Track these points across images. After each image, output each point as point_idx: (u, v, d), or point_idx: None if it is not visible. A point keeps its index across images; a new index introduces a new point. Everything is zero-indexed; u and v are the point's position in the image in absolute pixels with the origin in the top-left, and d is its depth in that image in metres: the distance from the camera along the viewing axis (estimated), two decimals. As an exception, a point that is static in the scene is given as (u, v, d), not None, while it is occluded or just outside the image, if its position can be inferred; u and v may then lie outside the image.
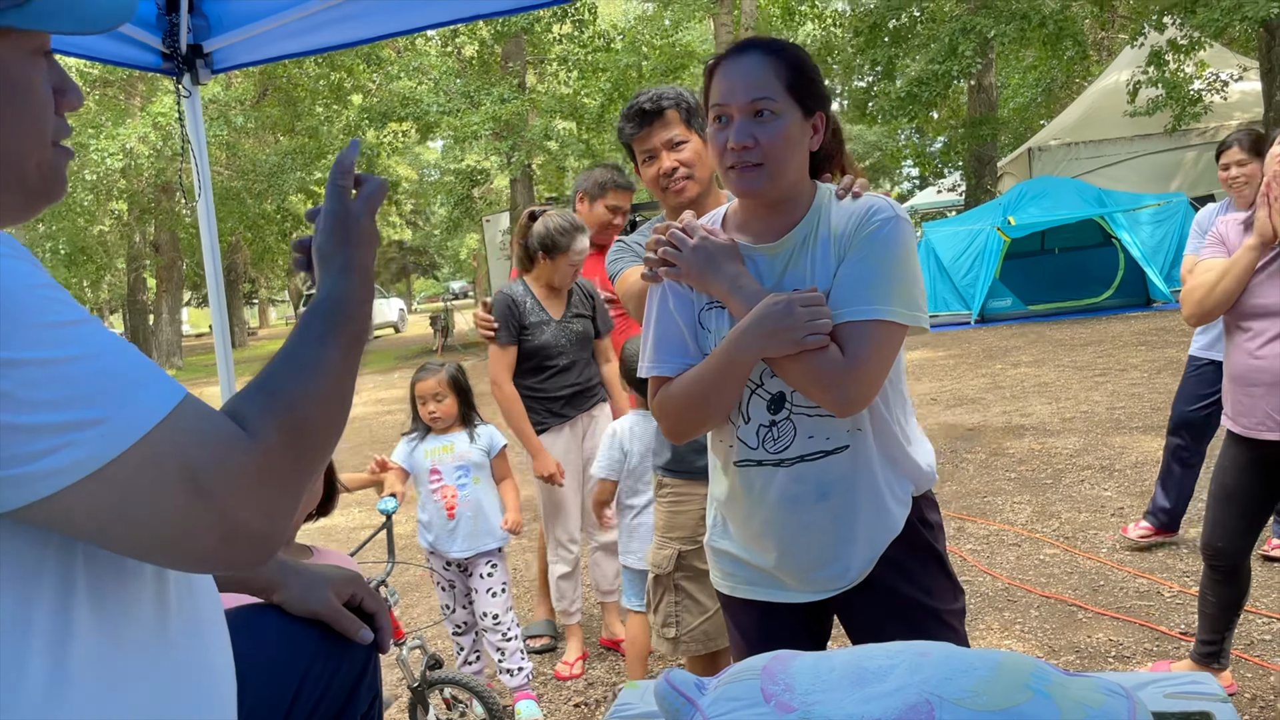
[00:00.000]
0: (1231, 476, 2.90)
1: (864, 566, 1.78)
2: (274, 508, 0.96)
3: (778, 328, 1.59)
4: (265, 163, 22.46)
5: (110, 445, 0.87)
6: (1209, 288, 2.77)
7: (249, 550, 0.95)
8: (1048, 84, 24.10)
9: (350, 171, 1.21)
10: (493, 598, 3.39)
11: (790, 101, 1.63)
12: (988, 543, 4.78)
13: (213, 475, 0.91)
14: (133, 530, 0.90)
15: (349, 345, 1.10)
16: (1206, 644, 3.05)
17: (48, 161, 1.03)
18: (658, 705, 1.43)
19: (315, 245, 1.19)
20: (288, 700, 1.46)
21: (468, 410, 3.46)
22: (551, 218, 3.74)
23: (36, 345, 0.85)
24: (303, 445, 1.00)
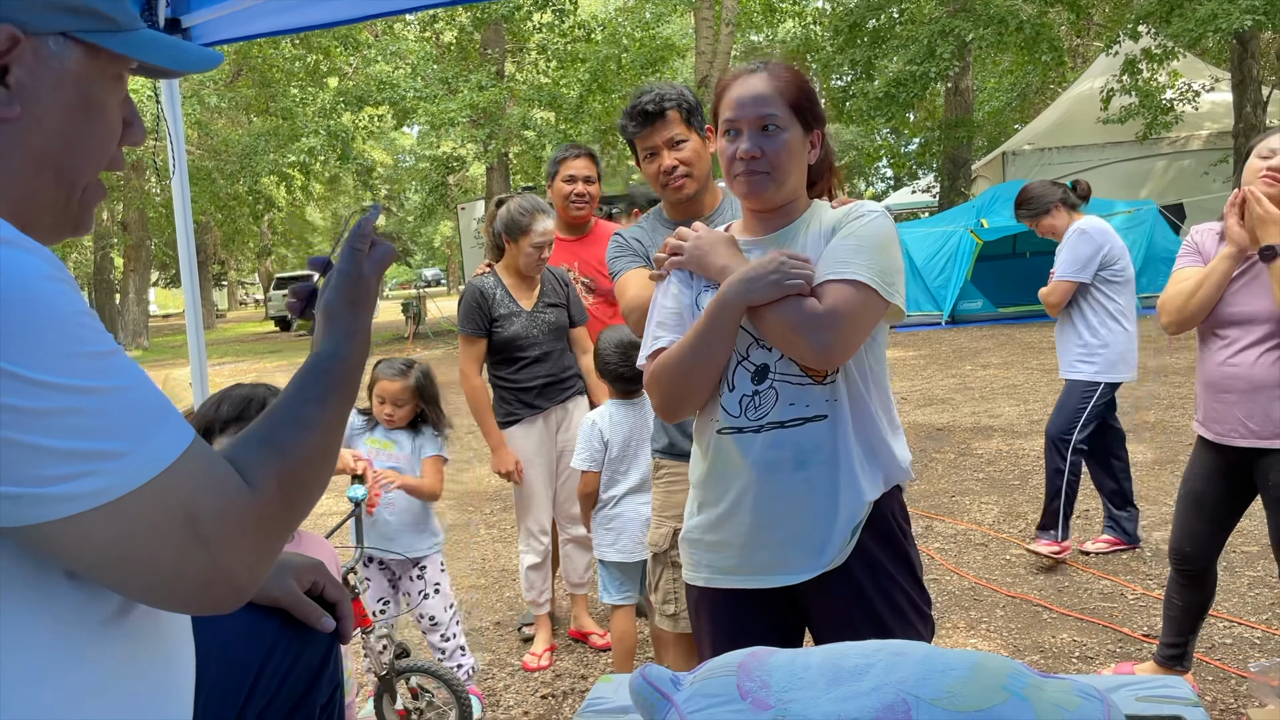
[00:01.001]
0: (1201, 482, 2.94)
1: (837, 550, 1.81)
2: (259, 560, 0.98)
3: (761, 274, 1.74)
4: (238, 143, 22.17)
5: (128, 479, 0.88)
6: (1187, 296, 2.80)
7: (226, 599, 0.96)
8: (1023, 89, 24.30)
9: (369, 236, 1.24)
10: (426, 600, 3.31)
11: (793, 118, 1.83)
12: (955, 542, 4.81)
13: (213, 522, 0.93)
14: (125, 565, 0.91)
15: (343, 405, 1.14)
16: (1170, 647, 3.09)
17: (91, 188, 1.05)
18: (633, 700, 1.42)
19: (324, 303, 1.20)
20: (245, 690, 1.44)
21: (424, 416, 3.35)
22: (513, 201, 3.72)
23: (76, 373, 0.87)
24: (295, 501, 1.04)
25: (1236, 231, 2.69)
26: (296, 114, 21.27)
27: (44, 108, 0.97)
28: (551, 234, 3.67)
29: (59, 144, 0.99)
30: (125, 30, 1.01)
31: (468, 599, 4.70)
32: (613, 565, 3.36)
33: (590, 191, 3.97)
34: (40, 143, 0.98)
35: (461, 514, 6.36)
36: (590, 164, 4.01)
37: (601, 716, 1.57)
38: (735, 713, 1.31)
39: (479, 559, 5.34)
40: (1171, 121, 15.63)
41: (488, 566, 5.18)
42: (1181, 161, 16.37)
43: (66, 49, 0.98)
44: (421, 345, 19.35)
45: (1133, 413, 7.28)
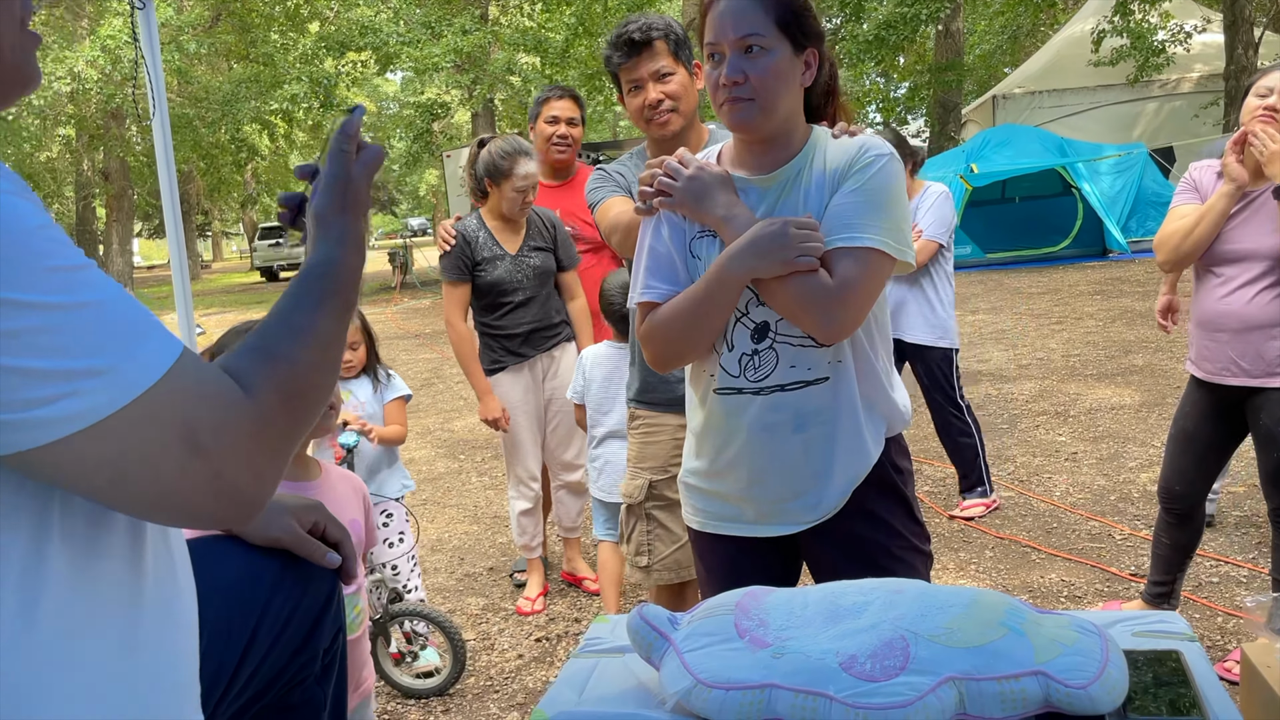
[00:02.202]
0: (1192, 421, 2.95)
1: (835, 502, 1.79)
2: (265, 470, 0.96)
3: (770, 247, 1.62)
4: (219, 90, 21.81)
5: (114, 397, 0.85)
6: (1184, 234, 2.78)
7: (237, 510, 0.94)
8: (1014, 31, 24.05)
9: (355, 137, 1.20)
10: (390, 548, 3.30)
11: (780, 37, 1.66)
12: (944, 485, 4.84)
13: (211, 433, 0.90)
14: (124, 485, 0.88)
15: (342, 312, 1.10)
16: (1158, 585, 3.12)
17: (19, 45, 0.99)
18: (630, 640, 1.42)
19: (314, 208, 1.17)
20: (247, 633, 1.44)
21: (374, 357, 3.32)
22: (495, 142, 3.65)
23: (46, 289, 0.83)
24: (297, 409, 1.01)
25: (1236, 168, 2.67)
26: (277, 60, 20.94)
27: None
28: (535, 177, 3.59)
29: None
30: None
31: (461, 545, 4.72)
32: (599, 503, 3.39)
33: (573, 134, 3.86)
34: None
35: (453, 462, 6.37)
36: (573, 105, 3.90)
37: (598, 656, 1.57)
38: (733, 651, 1.32)
39: (471, 506, 5.35)
40: (1163, 64, 15.51)
41: (479, 513, 5.20)
42: (1172, 104, 16.27)
43: None
44: (409, 295, 19.27)
45: (1121, 355, 7.31)
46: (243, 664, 1.43)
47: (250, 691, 1.46)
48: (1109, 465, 4.90)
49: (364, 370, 3.32)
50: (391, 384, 3.35)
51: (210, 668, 1.36)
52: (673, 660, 1.35)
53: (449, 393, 8.74)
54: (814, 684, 1.23)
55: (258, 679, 1.46)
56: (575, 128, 3.86)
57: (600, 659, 1.56)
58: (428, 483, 5.87)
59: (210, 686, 1.36)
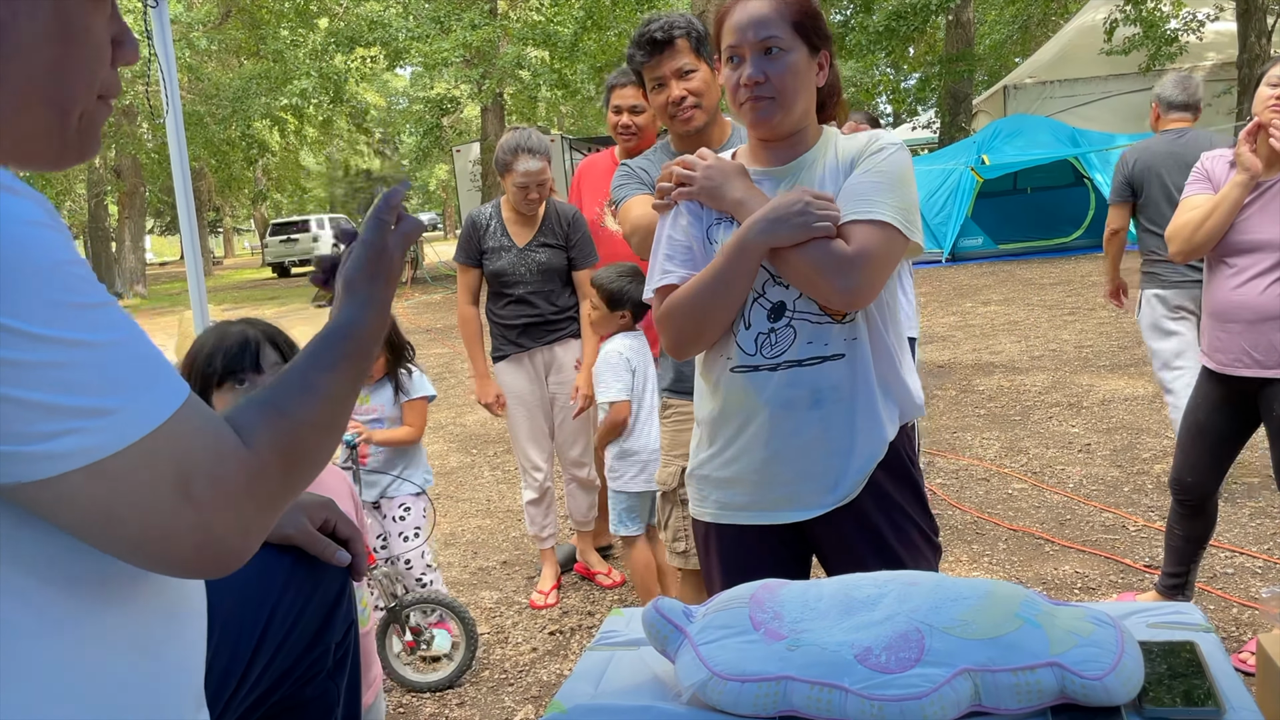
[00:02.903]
0: (1204, 412, 2.94)
1: (853, 484, 1.80)
2: (253, 526, 0.94)
3: (788, 214, 1.68)
4: (229, 87, 21.87)
5: (116, 438, 0.84)
6: (1197, 224, 2.77)
7: (218, 564, 0.93)
8: (1025, 21, 23.91)
9: (396, 209, 1.21)
10: (405, 542, 3.33)
11: (797, 39, 1.75)
12: (957, 477, 4.84)
13: (205, 483, 0.89)
14: (112, 527, 0.87)
15: (356, 377, 1.10)
16: (1172, 576, 3.11)
17: (90, 113, 1.00)
18: (646, 633, 1.43)
19: (344, 272, 1.17)
20: (259, 629, 1.44)
21: (396, 362, 3.32)
22: (505, 136, 3.67)
23: (63, 325, 0.83)
24: (295, 468, 0.99)
25: (1249, 158, 2.65)
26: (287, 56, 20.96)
27: (23, 37, 0.93)
28: (537, 174, 3.58)
29: (42, 72, 0.95)
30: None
31: (474, 539, 4.73)
32: (618, 494, 3.36)
33: (637, 122, 3.55)
34: (23, 74, 0.93)
35: (465, 456, 6.39)
36: (637, 92, 3.48)
37: (613, 649, 1.58)
38: (748, 643, 1.32)
39: (484, 500, 5.37)
40: (1175, 52, 15.40)
41: (493, 507, 5.21)
42: (1185, 93, 16.15)
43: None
44: (419, 290, 19.30)
45: (1135, 346, 7.28)
46: (255, 660, 1.43)
47: (263, 687, 1.47)
48: (1122, 456, 4.89)
49: (385, 375, 3.33)
50: (414, 384, 3.35)
51: (222, 664, 1.37)
52: (688, 653, 1.35)
53: (460, 387, 8.76)
54: (829, 676, 1.24)
55: (270, 674, 1.47)
56: (639, 115, 3.56)
57: (616, 652, 1.57)
58: (441, 477, 5.89)
59: (223, 682, 1.37)
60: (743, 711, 1.28)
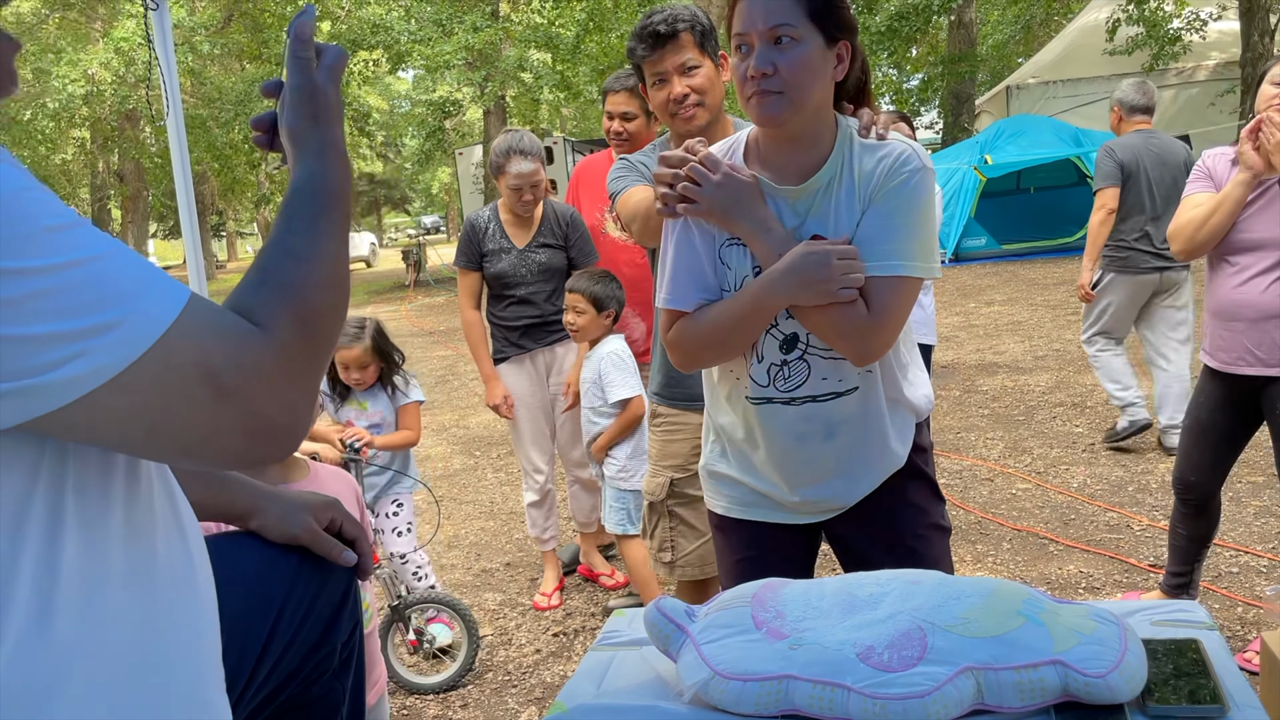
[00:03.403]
0: (1207, 411, 2.93)
1: (861, 496, 1.82)
2: (295, 401, 0.95)
3: (814, 278, 1.60)
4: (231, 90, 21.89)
5: (126, 351, 0.84)
6: (1199, 223, 2.76)
7: (276, 444, 0.94)
8: (1027, 21, 23.90)
9: (310, 41, 1.12)
10: (399, 537, 3.36)
11: (812, 28, 1.59)
12: (961, 477, 4.83)
13: (233, 374, 0.89)
14: (157, 435, 0.88)
15: (340, 228, 1.06)
16: (1176, 575, 3.10)
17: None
18: (648, 633, 1.43)
19: (285, 125, 1.11)
20: (267, 628, 1.44)
21: (389, 370, 3.34)
22: (498, 139, 3.69)
23: (41, 251, 0.82)
24: (315, 333, 0.98)
25: (1251, 156, 2.65)
26: (290, 60, 20.95)
27: None
28: (530, 176, 3.59)
29: None
30: None
31: (477, 541, 4.73)
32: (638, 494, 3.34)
33: (629, 129, 3.51)
34: None
35: (468, 458, 6.39)
36: (628, 98, 3.53)
37: (616, 649, 1.58)
38: (750, 642, 1.32)
39: (487, 502, 5.37)
40: (1179, 52, 15.38)
41: (495, 509, 5.21)
42: (1188, 92, 16.13)
43: None
44: (423, 292, 19.31)
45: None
46: (262, 659, 1.43)
47: (269, 686, 1.47)
48: (1126, 456, 4.87)
49: (378, 382, 3.34)
50: (409, 390, 3.37)
51: (230, 663, 1.37)
52: (690, 652, 1.35)
53: (464, 389, 8.76)
54: (832, 675, 1.24)
55: (277, 674, 1.47)
56: (632, 121, 3.54)
57: (618, 652, 1.57)
58: (444, 479, 5.89)
59: (230, 682, 1.37)
60: (745, 711, 1.27)
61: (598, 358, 3.43)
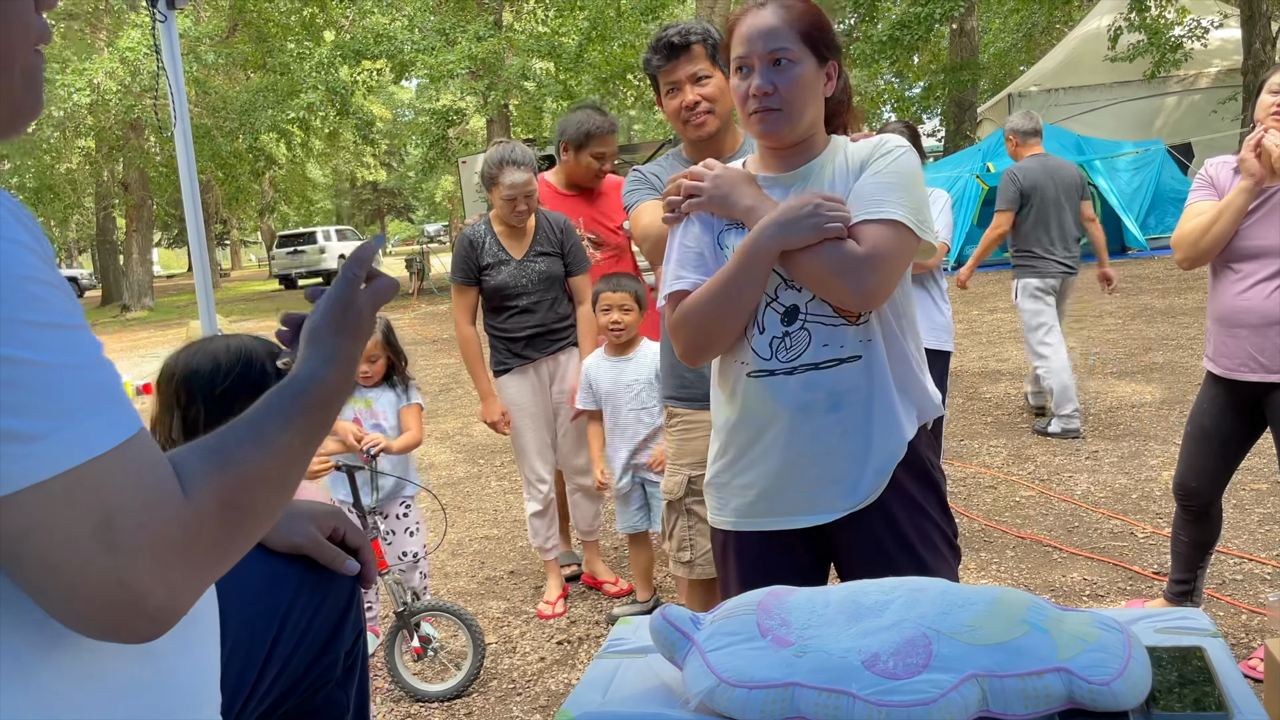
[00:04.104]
0: (1209, 417, 2.93)
1: (872, 486, 1.80)
2: (181, 584, 0.84)
3: (800, 216, 1.69)
4: (236, 100, 21.98)
5: (34, 469, 0.77)
6: (1202, 230, 2.77)
7: (134, 623, 0.83)
8: (1029, 29, 23.94)
9: (368, 263, 1.16)
10: (410, 537, 3.41)
11: (805, 50, 1.76)
12: (964, 485, 4.83)
13: (132, 533, 0.81)
14: (20, 565, 0.80)
15: (312, 434, 1.03)
16: (1180, 583, 3.10)
17: (30, 66, 0.96)
18: (653, 640, 1.43)
19: (310, 325, 1.12)
20: (269, 638, 1.45)
21: (395, 367, 3.38)
22: (492, 150, 3.71)
23: (14, 343, 0.78)
24: (235, 523, 0.91)
25: (1253, 164, 2.66)
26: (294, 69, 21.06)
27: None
28: (523, 185, 3.62)
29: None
30: None
31: (481, 549, 4.74)
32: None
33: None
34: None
35: (472, 466, 6.40)
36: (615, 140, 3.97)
37: (621, 656, 1.58)
38: (756, 650, 1.33)
39: (490, 510, 5.37)
40: (1180, 59, 15.39)
41: (499, 517, 5.22)
42: (1190, 100, 16.15)
43: None
44: (426, 301, 19.33)
45: (1141, 353, 7.27)
46: (266, 668, 1.44)
47: (273, 695, 1.47)
48: (1130, 463, 4.88)
49: (384, 380, 3.36)
50: (410, 391, 3.41)
51: (234, 673, 1.38)
52: (696, 660, 1.36)
53: (467, 397, 8.77)
54: (837, 682, 1.24)
55: (281, 683, 1.48)
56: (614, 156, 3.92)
57: (624, 659, 1.57)
58: (448, 487, 5.90)
59: (234, 692, 1.38)
60: (751, 718, 1.28)
61: (650, 359, 3.52)
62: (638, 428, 3.57)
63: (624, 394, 3.58)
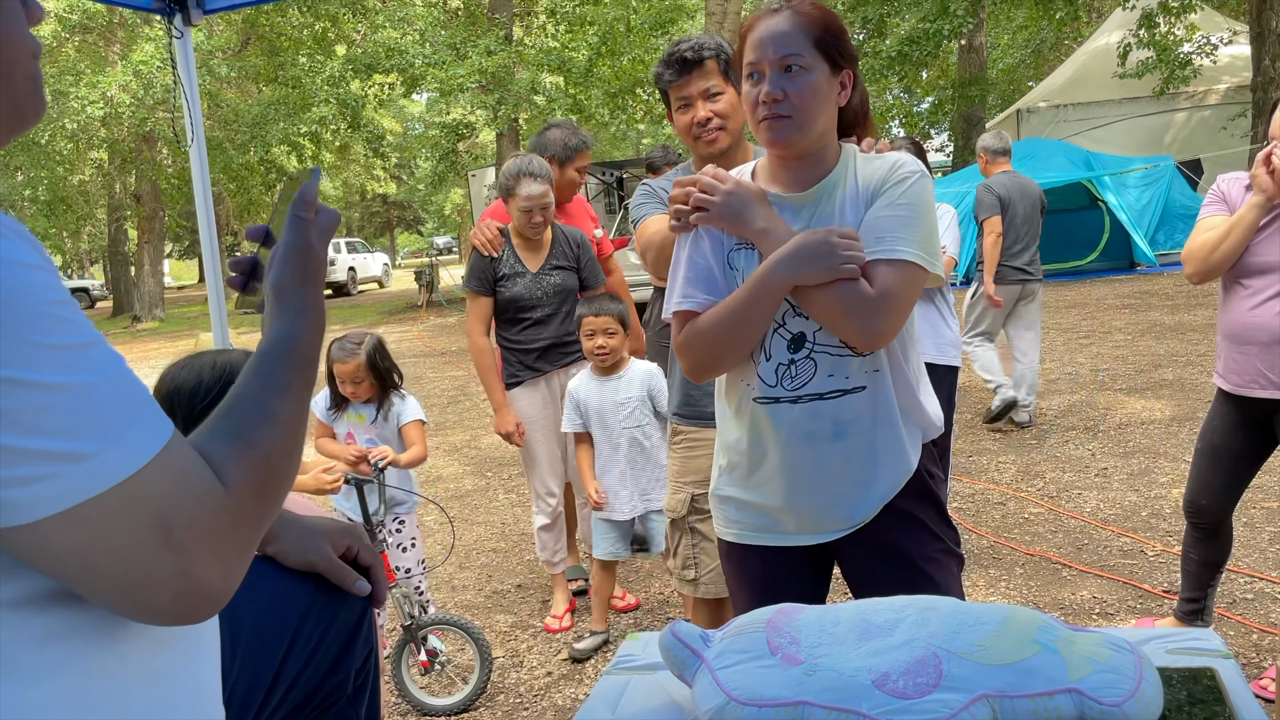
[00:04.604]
0: (1220, 434, 2.92)
1: (873, 509, 1.81)
2: (234, 564, 0.92)
3: (814, 254, 1.67)
4: (248, 113, 22.11)
5: (92, 483, 0.82)
6: (1213, 246, 2.76)
7: (200, 607, 0.90)
8: (1037, 45, 23.97)
9: (314, 203, 1.15)
10: (403, 553, 3.36)
11: (818, 57, 1.72)
12: (973, 501, 4.82)
13: (187, 528, 0.87)
14: (89, 574, 0.85)
15: (306, 392, 1.07)
16: (1190, 602, 3.09)
17: (30, 73, 0.99)
18: (663, 657, 1.43)
19: (273, 279, 1.12)
20: (280, 654, 1.45)
21: (386, 387, 3.34)
22: (506, 163, 3.74)
23: (37, 367, 0.81)
24: (268, 499, 0.97)
25: (1265, 180, 2.65)
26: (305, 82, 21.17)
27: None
28: (540, 197, 3.64)
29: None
30: None
31: (489, 562, 4.74)
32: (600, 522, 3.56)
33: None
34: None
35: (480, 479, 6.40)
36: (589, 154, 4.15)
37: (630, 673, 1.58)
38: (766, 668, 1.33)
39: (498, 523, 5.37)
40: (1190, 75, 15.39)
41: (507, 530, 5.22)
42: (1199, 116, 16.14)
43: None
44: (435, 313, 19.38)
45: (1151, 369, 7.25)
46: (275, 685, 1.44)
47: (283, 712, 1.47)
48: (1140, 481, 4.86)
49: (380, 394, 3.34)
50: (406, 407, 3.37)
51: (244, 688, 1.38)
52: (705, 677, 1.36)
53: (475, 410, 8.78)
54: (847, 701, 1.24)
55: (290, 699, 1.47)
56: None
57: (632, 676, 1.57)
58: (455, 499, 5.90)
59: (244, 708, 1.38)
60: (760, 736, 1.28)
61: (641, 376, 3.49)
62: (633, 451, 3.51)
63: (617, 412, 3.50)
